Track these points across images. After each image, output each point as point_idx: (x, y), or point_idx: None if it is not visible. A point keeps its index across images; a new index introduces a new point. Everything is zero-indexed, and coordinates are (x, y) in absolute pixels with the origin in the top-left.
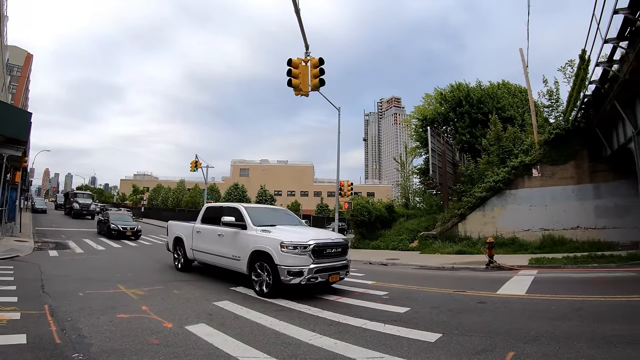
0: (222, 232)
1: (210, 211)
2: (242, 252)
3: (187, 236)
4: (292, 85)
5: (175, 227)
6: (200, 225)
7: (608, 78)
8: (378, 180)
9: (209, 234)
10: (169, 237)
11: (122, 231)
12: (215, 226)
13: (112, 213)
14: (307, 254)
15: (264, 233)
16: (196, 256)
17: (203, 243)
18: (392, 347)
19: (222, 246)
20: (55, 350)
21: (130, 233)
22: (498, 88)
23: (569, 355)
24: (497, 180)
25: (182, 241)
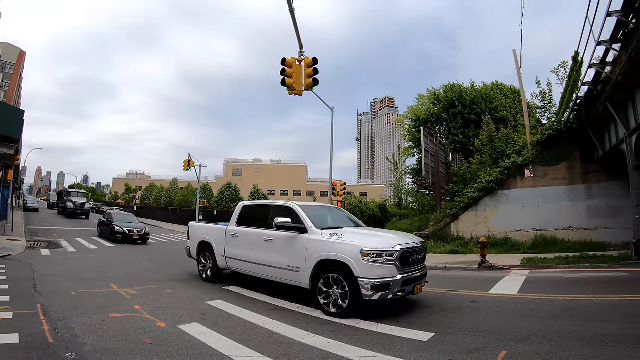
0: (270, 237)
1: (248, 211)
2: (302, 262)
3: (218, 241)
4: (285, 85)
5: (201, 229)
6: (237, 228)
7: (601, 80)
8: (371, 180)
9: (251, 238)
10: (192, 242)
11: (128, 234)
12: (258, 229)
13: (115, 214)
14: (393, 263)
15: (334, 238)
16: (231, 265)
17: (242, 249)
18: (385, 346)
19: (270, 254)
20: (48, 350)
21: (137, 236)
22: (491, 89)
23: (561, 355)
24: (490, 180)
25: (210, 247)
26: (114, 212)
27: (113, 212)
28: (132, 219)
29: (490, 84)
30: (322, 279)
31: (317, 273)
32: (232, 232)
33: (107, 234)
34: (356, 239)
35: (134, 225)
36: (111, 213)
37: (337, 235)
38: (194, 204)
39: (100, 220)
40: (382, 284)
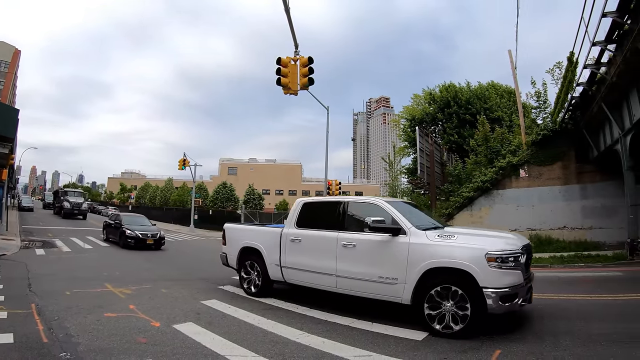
0: (351, 241)
1: (312, 210)
2: (401, 272)
3: (270, 247)
4: (281, 84)
5: (243, 233)
6: (298, 231)
7: (595, 80)
8: (366, 179)
9: (321, 244)
10: (229, 248)
11: (141, 239)
12: (329, 232)
13: (124, 215)
14: (520, 267)
15: (445, 240)
16: (290, 276)
17: (307, 257)
18: (379, 345)
19: (353, 263)
20: (42, 350)
21: (151, 241)
22: (487, 89)
23: (555, 354)
24: (485, 180)
25: (257, 254)
26: (123, 213)
27: (122, 213)
28: (143, 220)
29: (486, 84)
30: (429, 291)
31: (422, 285)
32: (292, 236)
33: (115, 238)
34: (474, 241)
35: (147, 228)
36: (119, 214)
37: (447, 236)
38: (189, 203)
39: (106, 222)
40: (510, 293)
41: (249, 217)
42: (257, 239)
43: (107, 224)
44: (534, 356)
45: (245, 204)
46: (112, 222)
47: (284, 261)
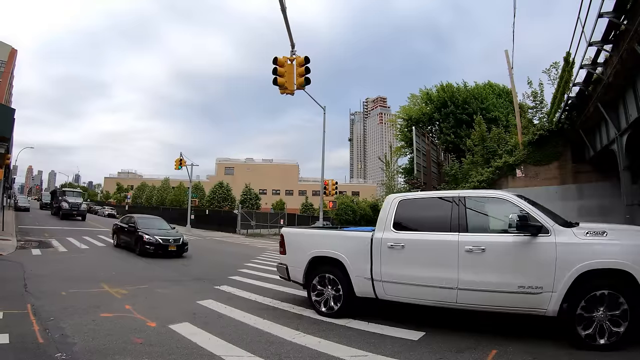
0: (478, 245)
1: (413, 209)
2: (547, 278)
3: (356, 255)
4: (277, 84)
5: (314, 239)
6: (399, 234)
7: (592, 80)
8: (363, 179)
9: (437, 249)
10: (293, 258)
11: (162, 245)
12: (443, 235)
13: (140, 218)
14: None
15: (597, 238)
16: (390, 291)
17: (417, 268)
18: (375, 345)
19: (481, 271)
20: (38, 350)
21: (174, 247)
22: (483, 89)
23: (551, 353)
24: (481, 180)
25: (338, 265)
26: (138, 215)
27: (137, 215)
28: (161, 223)
29: (483, 84)
30: (582, 300)
31: (572, 292)
32: (391, 241)
33: (130, 244)
34: (632, 238)
35: (167, 232)
36: (133, 216)
37: (596, 233)
38: (186, 203)
39: (117, 226)
40: None
41: (245, 216)
42: (335, 246)
43: (119, 227)
44: (531, 355)
45: (242, 203)
46: (124, 225)
47: (378, 273)
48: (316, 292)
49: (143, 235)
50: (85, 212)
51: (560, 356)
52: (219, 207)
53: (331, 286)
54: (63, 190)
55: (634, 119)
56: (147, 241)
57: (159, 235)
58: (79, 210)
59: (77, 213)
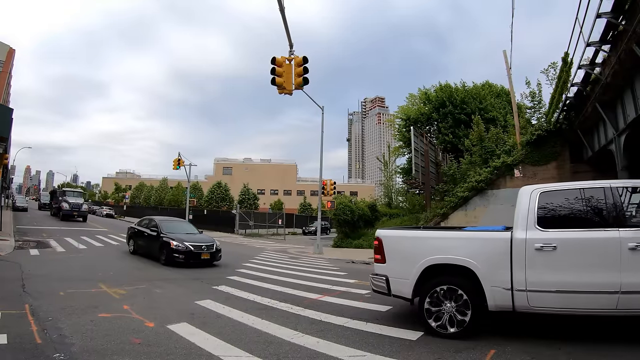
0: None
1: (558, 203)
2: None
3: (490, 261)
4: (275, 84)
5: (427, 242)
6: (548, 233)
7: (590, 80)
8: (361, 179)
9: (594, 248)
10: (397, 267)
11: (195, 253)
12: (606, 231)
13: (162, 220)
14: None
15: None
16: (538, 302)
17: (572, 272)
18: (374, 345)
19: None
20: (36, 351)
21: (207, 255)
22: (482, 89)
23: (549, 352)
24: (480, 180)
25: (465, 273)
26: (160, 218)
27: (158, 218)
28: (188, 226)
29: (481, 84)
30: None
31: None
32: (540, 242)
33: (152, 251)
34: None
35: (196, 237)
36: (154, 219)
37: None
38: (184, 203)
39: (134, 230)
40: None
41: (243, 216)
42: (460, 251)
43: (136, 232)
44: (529, 355)
45: (240, 203)
46: (143, 229)
47: (521, 281)
48: (432, 307)
49: (170, 241)
50: (86, 213)
51: (558, 356)
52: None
53: (452, 300)
54: (63, 190)
55: (632, 119)
56: (175, 249)
57: (190, 241)
58: (80, 211)
59: (78, 214)
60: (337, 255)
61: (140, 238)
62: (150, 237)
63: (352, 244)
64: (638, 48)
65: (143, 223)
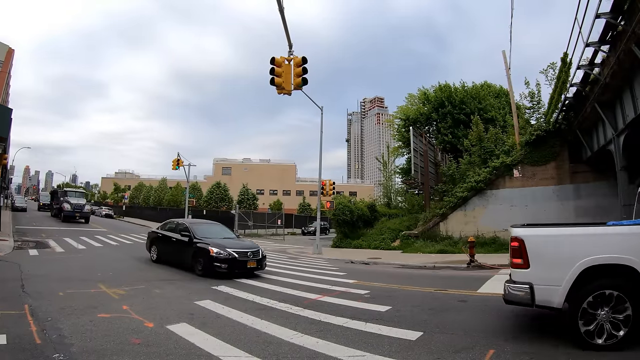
0: None
1: None
2: None
3: None
4: (274, 84)
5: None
6: None
7: (589, 81)
8: (360, 179)
9: None
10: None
11: (240, 261)
12: None
13: (194, 224)
14: None
15: None
16: None
17: None
18: (373, 345)
19: None
20: (35, 351)
21: (254, 264)
22: (481, 89)
23: (548, 353)
24: (479, 180)
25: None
26: (191, 220)
27: (189, 220)
28: (223, 230)
29: (480, 84)
30: None
31: None
32: None
33: (182, 260)
34: None
35: (239, 242)
36: (184, 222)
37: None
38: (183, 203)
39: (157, 235)
40: None
41: (243, 217)
42: (618, 248)
43: (160, 237)
44: (528, 356)
45: (239, 204)
46: (169, 234)
47: None
48: (587, 316)
49: (207, 247)
50: (89, 214)
51: (557, 356)
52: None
53: (608, 307)
54: (64, 190)
55: (631, 119)
56: (216, 257)
57: (232, 248)
58: (82, 212)
59: (80, 215)
60: (336, 256)
61: (166, 244)
62: (179, 243)
63: (351, 244)
64: (637, 48)
65: (168, 227)
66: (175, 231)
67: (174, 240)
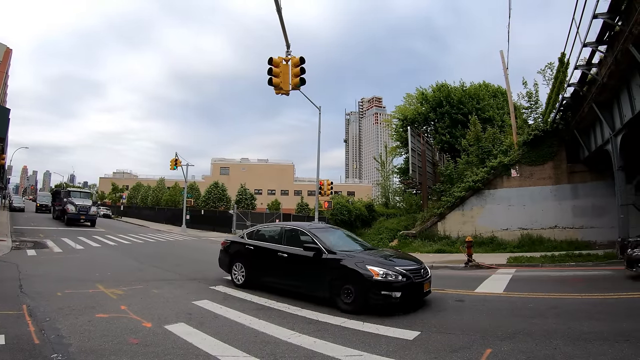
0: None
1: None
2: None
3: None
4: (272, 84)
5: None
6: None
7: (586, 81)
8: (358, 179)
9: None
10: None
11: (415, 285)
12: None
13: (313, 228)
14: None
15: None
16: None
17: None
18: (371, 345)
19: None
20: (34, 351)
21: (428, 286)
22: (479, 89)
23: (545, 352)
24: (476, 180)
25: None
26: (309, 224)
27: (305, 224)
28: (349, 236)
29: (478, 84)
30: None
31: None
32: None
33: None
34: None
35: (396, 259)
36: (302, 227)
37: None
38: (181, 203)
39: (244, 247)
40: None
41: (241, 217)
42: None
43: (252, 250)
44: (525, 355)
45: (237, 203)
46: (272, 246)
47: None
48: None
49: (365, 268)
50: (95, 216)
51: (555, 355)
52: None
53: None
54: (68, 190)
55: (628, 120)
56: (384, 282)
57: (399, 265)
58: (88, 215)
59: (86, 218)
60: None
61: (267, 261)
62: (297, 260)
63: None
64: (634, 49)
65: (270, 235)
66: (285, 242)
67: (285, 256)
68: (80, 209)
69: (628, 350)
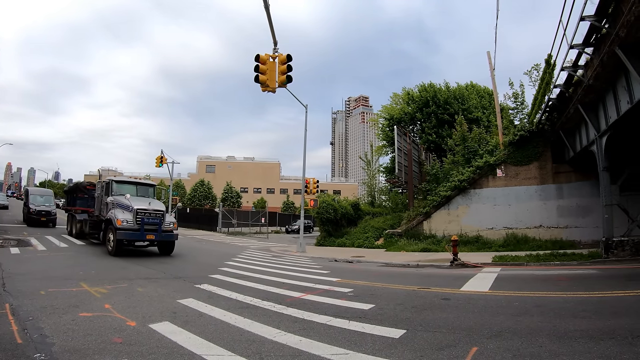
0: None
1: None
2: None
3: None
4: (259, 81)
5: None
6: None
7: (573, 82)
8: (345, 178)
9: None
10: None
11: None
12: None
13: None
14: None
15: None
16: None
17: None
18: (356, 343)
19: None
20: (16, 351)
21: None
22: (465, 89)
23: (531, 350)
24: (462, 179)
25: None
26: None
27: None
28: None
29: (465, 84)
30: None
31: None
32: None
33: None
34: None
35: None
36: None
37: None
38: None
39: None
40: None
41: (226, 215)
42: None
43: None
44: (511, 353)
45: (223, 202)
46: None
47: None
48: None
49: None
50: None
51: (540, 353)
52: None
53: None
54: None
55: (613, 121)
56: None
57: None
58: (49, 216)
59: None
60: (320, 254)
61: None
62: None
63: (335, 243)
64: (620, 51)
65: None
66: None
67: None
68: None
69: (613, 347)
